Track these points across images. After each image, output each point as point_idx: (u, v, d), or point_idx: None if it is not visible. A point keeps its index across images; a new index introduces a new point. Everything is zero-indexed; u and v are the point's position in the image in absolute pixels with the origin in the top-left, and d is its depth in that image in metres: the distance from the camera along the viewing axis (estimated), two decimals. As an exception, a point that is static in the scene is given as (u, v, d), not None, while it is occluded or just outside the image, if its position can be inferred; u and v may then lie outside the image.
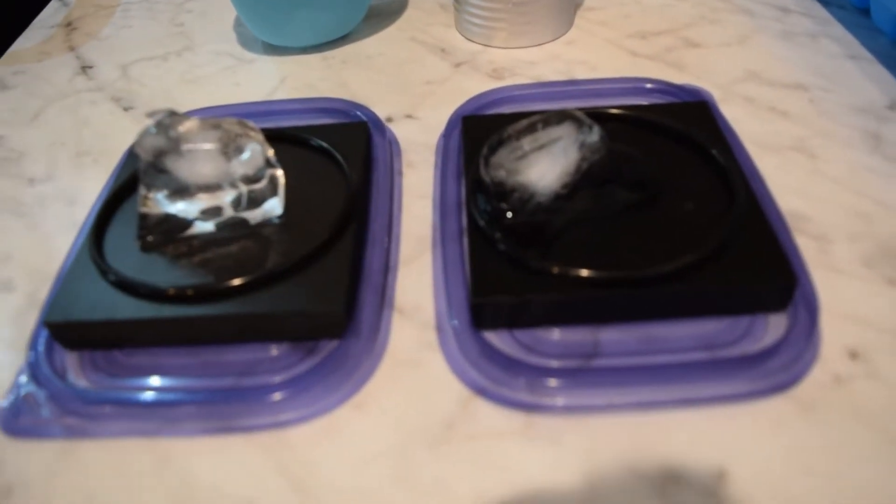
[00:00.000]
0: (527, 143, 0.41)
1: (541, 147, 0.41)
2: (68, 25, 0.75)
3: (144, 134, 0.41)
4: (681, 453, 0.34)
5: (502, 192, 0.41)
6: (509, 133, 0.42)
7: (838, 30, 0.62)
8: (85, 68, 0.67)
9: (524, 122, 0.42)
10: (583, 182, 0.41)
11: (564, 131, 0.41)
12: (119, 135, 0.58)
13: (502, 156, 0.41)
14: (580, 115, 0.42)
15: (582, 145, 0.41)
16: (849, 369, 0.36)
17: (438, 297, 0.42)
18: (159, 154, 0.41)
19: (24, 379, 0.40)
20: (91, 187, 0.52)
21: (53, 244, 0.48)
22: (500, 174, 0.41)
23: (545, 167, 0.40)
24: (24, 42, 0.73)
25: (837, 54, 0.59)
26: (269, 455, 0.36)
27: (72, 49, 0.71)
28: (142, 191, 0.42)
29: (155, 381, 0.39)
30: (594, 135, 0.41)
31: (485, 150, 0.43)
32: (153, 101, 0.62)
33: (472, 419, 0.36)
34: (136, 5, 0.78)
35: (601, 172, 0.41)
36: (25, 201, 0.52)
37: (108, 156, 0.56)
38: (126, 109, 0.61)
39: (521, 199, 0.40)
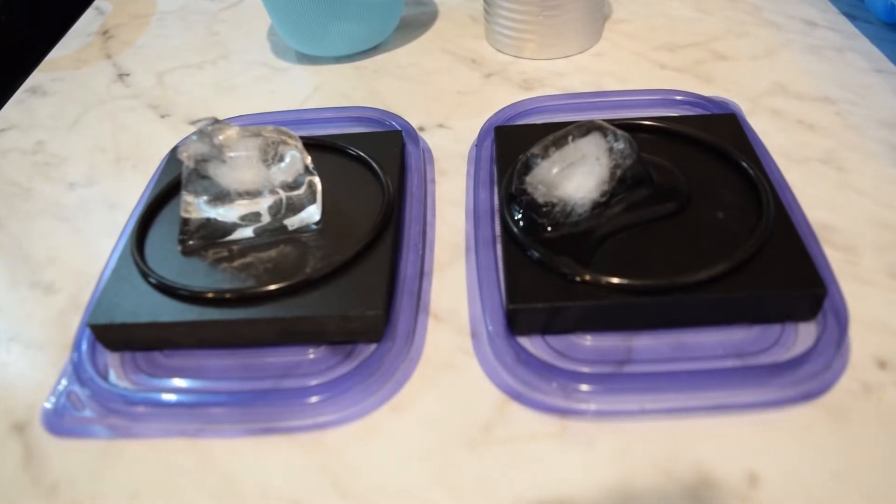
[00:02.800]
0: (560, 157, 0.42)
1: (574, 160, 0.42)
2: (105, 34, 0.77)
3: (188, 141, 0.42)
4: (713, 458, 0.34)
5: (541, 208, 0.42)
6: (539, 149, 0.43)
7: (865, 44, 0.63)
8: (122, 76, 0.69)
9: (551, 138, 0.43)
10: (618, 188, 0.42)
11: (593, 141, 0.42)
12: (157, 141, 0.59)
13: (538, 173, 0.42)
14: (604, 123, 0.43)
15: (612, 152, 0.42)
16: (877, 378, 0.37)
17: (473, 302, 0.43)
18: (202, 160, 0.42)
19: (67, 379, 0.41)
20: (130, 192, 0.53)
21: (94, 247, 0.50)
22: (539, 191, 0.42)
23: (581, 179, 0.41)
24: (62, 50, 0.75)
25: (864, 68, 0.60)
26: (310, 455, 0.36)
27: (109, 57, 0.72)
28: (184, 196, 0.43)
29: (195, 382, 0.40)
30: (621, 141, 0.42)
31: (518, 167, 0.43)
32: (189, 108, 0.63)
33: (508, 422, 0.37)
34: (171, 14, 0.79)
35: (634, 175, 0.42)
36: (67, 205, 0.54)
37: (146, 162, 0.57)
38: (163, 117, 0.62)
39: (563, 212, 0.41)
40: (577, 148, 0.42)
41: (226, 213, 0.43)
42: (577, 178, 0.41)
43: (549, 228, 0.42)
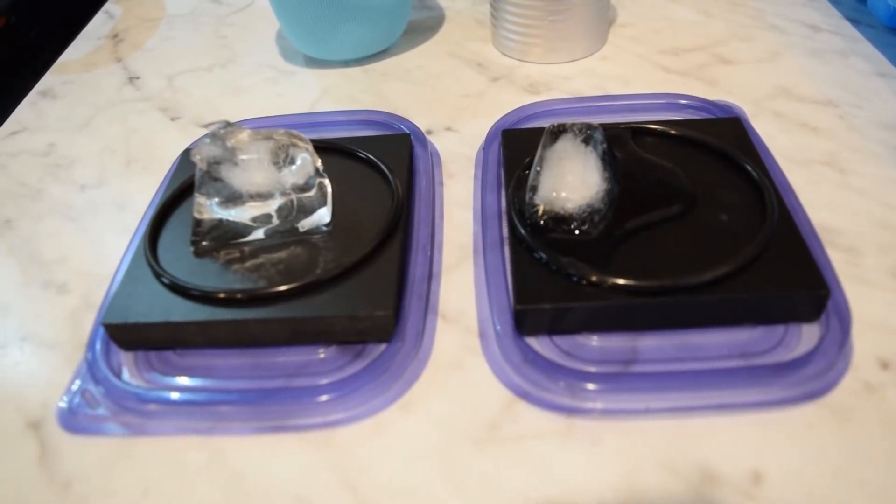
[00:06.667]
0: (559, 167, 0.43)
1: (576, 162, 0.42)
2: (115, 37, 0.77)
3: (201, 143, 0.43)
4: (716, 457, 0.35)
5: (570, 218, 0.42)
6: (535, 167, 0.44)
7: (867, 48, 0.63)
8: (132, 79, 0.69)
9: (536, 156, 0.44)
10: (611, 168, 0.43)
11: (571, 141, 0.43)
12: (167, 143, 0.60)
13: (550, 187, 0.43)
14: (562, 123, 0.44)
15: (590, 142, 0.43)
16: (880, 378, 0.37)
17: (481, 303, 0.43)
18: (214, 163, 0.43)
19: (81, 378, 0.41)
20: (140, 194, 0.54)
21: (105, 248, 0.50)
22: (558, 204, 0.42)
23: (592, 177, 0.42)
24: (73, 53, 0.75)
25: (867, 72, 0.60)
26: (319, 453, 0.37)
27: (119, 60, 0.73)
28: (197, 198, 0.44)
29: (207, 381, 0.41)
30: (588, 129, 0.43)
31: (526, 188, 0.44)
32: (199, 111, 0.64)
33: (515, 421, 0.37)
34: (180, 18, 0.80)
35: (610, 148, 0.44)
36: (78, 206, 0.54)
37: (156, 163, 0.57)
38: (173, 119, 0.63)
39: (593, 209, 0.42)
40: (565, 153, 0.43)
41: (238, 215, 0.44)
42: (588, 176, 0.42)
43: (577, 232, 0.42)
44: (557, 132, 0.44)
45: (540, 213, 0.43)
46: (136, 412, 0.39)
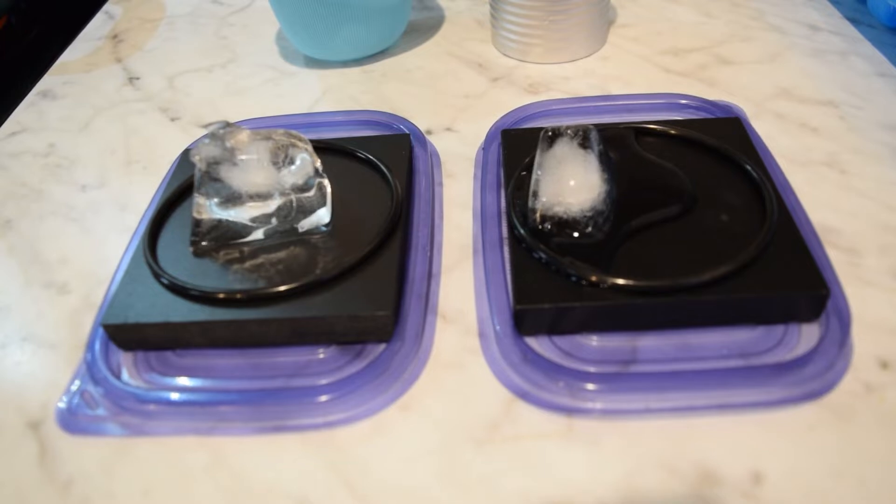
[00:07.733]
0: (560, 173, 0.43)
1: (578, 167, 0.42)
2: (115, 38, 0.77)
3: (200, 143, 0.43)
4: (716, 457, 0.35)
5: (576, 222, 0.42)
6: (536, 174, 0.44)
7: (868, 48, 0.63)
8: (132, 79, 0.69)
9: (536, 160, 0.44)
10: (609, 167, 0.43)
11: (569, 145, 0.43)
12: (167, 144, 0.60)
13: (551, 193, 0.43)
14: (558, 127, 0.44)
15: (586, 142, 0.43)
16: (880, 378, 0.37)
17: (480, 303, 0.43)
18: (214, 163, 0.43)
19: (80, 378, 0.41)
20: (141, 194, 0.54)
21: (106, 248, 0.50)
22: (561, 208, 0.42)
23: (593, 179, 0.42)
24: (72, 53, 0.75)
25: (867, 72, 0.60)
26: (319, 453, 0.37)
27: (119, 60, 0.73)
28: (196, 198, 0.44)
29: (207, 381, 0.40)
30: (584, 132, 0.43)
31: (529, 195, 0.44)
32: (199, 111, 0.63)
33: (515, 421, 0.37)
34: (181, 19, 0.80)
35: (606, 148, 0.44)
36: (78, 207, 0.54)
37: (156, 164, 0.57)
38: (173, 119, 0.63)
39: (597, 211, 0.42)
40: (563, 156, 0.43)
41: (237, 215, 0.44)
42: (589, 178, 0.42)
43: (577, 234, 0.42)
44: (553, 136, 0.44)
45: (543, 218, 0.43)
46: (136, 412, 0.39)
